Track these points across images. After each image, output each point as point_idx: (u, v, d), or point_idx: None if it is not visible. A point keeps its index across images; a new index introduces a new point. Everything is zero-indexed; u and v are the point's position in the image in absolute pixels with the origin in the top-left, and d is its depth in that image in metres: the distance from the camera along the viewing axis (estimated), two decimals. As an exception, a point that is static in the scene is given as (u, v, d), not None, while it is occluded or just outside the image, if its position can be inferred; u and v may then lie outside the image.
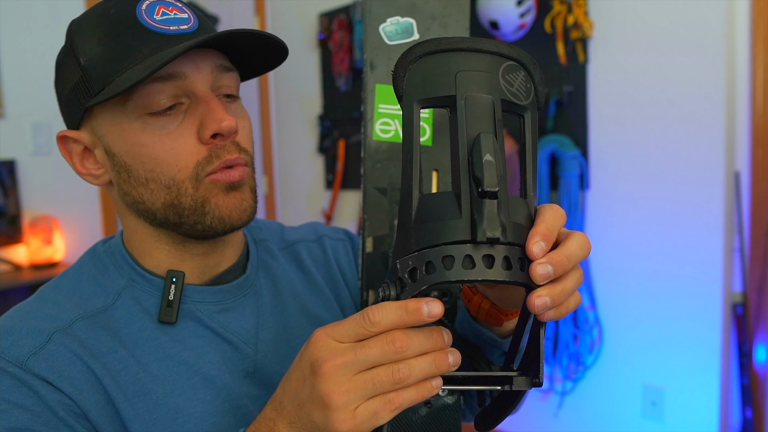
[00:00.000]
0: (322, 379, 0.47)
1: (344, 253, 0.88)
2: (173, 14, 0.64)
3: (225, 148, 0.65)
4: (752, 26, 2.14)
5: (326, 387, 0.47)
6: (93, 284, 0.68)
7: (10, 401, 0.57)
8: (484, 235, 0.42)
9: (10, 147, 2.82)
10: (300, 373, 0.49)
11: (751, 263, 2.22)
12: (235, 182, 0.66)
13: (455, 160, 0.45)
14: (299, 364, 0.50)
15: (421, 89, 0.47)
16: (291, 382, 0.51)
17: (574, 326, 2.44)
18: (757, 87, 2.15)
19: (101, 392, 0.62)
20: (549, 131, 2.47)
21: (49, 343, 0.62)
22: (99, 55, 0.62)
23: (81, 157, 0.69)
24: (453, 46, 0.47)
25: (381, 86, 0.59)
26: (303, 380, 0.49)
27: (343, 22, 3.13)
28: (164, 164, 0.64)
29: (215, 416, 0.66)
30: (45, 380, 0.60)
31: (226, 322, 0.70)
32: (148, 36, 0.62)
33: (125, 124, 0.64)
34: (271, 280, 0.78)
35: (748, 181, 2.20)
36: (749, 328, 2.19)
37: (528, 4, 2.38)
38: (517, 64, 0.49)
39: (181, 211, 0.65)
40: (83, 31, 0.65)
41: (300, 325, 0.77)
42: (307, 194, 3.54)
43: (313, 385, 0.47)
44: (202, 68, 0.64)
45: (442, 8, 0.58)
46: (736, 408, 2.28)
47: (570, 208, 2.39)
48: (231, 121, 0.63)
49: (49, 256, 2.87)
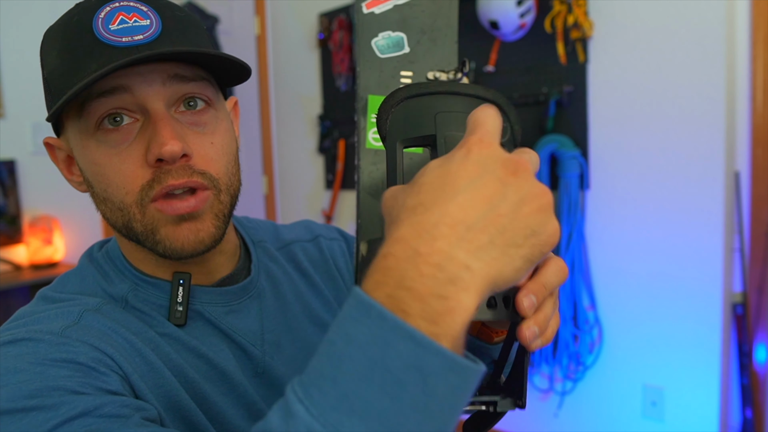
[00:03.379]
0: (529, 176, 0.40)
1: (340, 253, 0.88)
2: (132, 21, 0.60)
3: (171, 172, 0.61)
4: (752, 26, 2.13)
5: (537, 185, 0.40)
6: (98, 288, 0.67)
7: (44, 363, 0.54)
8: None
9: (10, 147, 2.83)
10: (492, 179, 0.39)
11: (751, 263, 2.22)
12: (185, 214, 0.62)
13: None
14: (483, 173, 0.39)
15: (404, 130, 0.49)
16: (481, 191, 0.39)
17: (574, 326, 2.44)
18: (757, 87, 2.14)
19: (142, 361, 0.60)
20: (549, 131, 2.47)
21: (82, 319, 0.60)
22: (56, 69, 0.62)
23: (66, 163, 0.69)
24: (432, 89, 0.50)
25: (373, 97, 0.59)
26: (500, 182, 0.39)
27: (343, 22, 3.13)
28: (114, 186, 0.62)
29: (233, 409, 0.66)
30: (84, 342, 0.57)
31: (234, 324, 0.70)
32: (97, 49, 0.59)
33: (84, 140, 0.63)
34: (272, 282, 0.78)
35: (748, 181, 2.20)
36: (749, 328, 2.19)
37: (528, 4, 2.38)
38: (492, 105, 0.50)
39: (136, 237, 0.64)
40: (48, 41, 0.64)
41: (303, 327, 0.77)
42: (307, 194, 3.54)
43: (519, 186, 0.39)
44: (150, 80, 0.60)
45: (431, 23, 0.58)
46: (736, 408, 2.28)
47: (570, 208, 2.39)
48: (174, 145, 0.59)
49: (49, 256, 2.88)
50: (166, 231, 0.63)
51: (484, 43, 2.62)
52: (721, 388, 2.20)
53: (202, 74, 0.65)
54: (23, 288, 2.76)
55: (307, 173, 3.52)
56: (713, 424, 2.21)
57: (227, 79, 0.70)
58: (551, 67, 2.46)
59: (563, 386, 2.55)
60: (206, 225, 0.64)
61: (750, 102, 2.17)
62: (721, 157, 2.13)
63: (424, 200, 0.39)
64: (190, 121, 0.64)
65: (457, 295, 0.37)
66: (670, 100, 2.21)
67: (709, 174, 2.16)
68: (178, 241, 0.63)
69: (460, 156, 0.40)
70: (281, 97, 3.61)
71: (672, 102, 2.21)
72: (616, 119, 2.35)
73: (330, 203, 3.35)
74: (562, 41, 2.41)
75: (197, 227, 0.63)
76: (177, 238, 0.63)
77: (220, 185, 0.65)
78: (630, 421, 2.41)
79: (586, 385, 2.52)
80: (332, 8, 3.20)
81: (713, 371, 2.20)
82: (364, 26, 0.56)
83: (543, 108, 2.48)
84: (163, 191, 0.61)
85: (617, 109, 2.34)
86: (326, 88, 3.33)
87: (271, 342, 0.73)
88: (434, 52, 0.59)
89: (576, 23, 2.34)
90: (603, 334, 2.46)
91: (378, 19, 0.57)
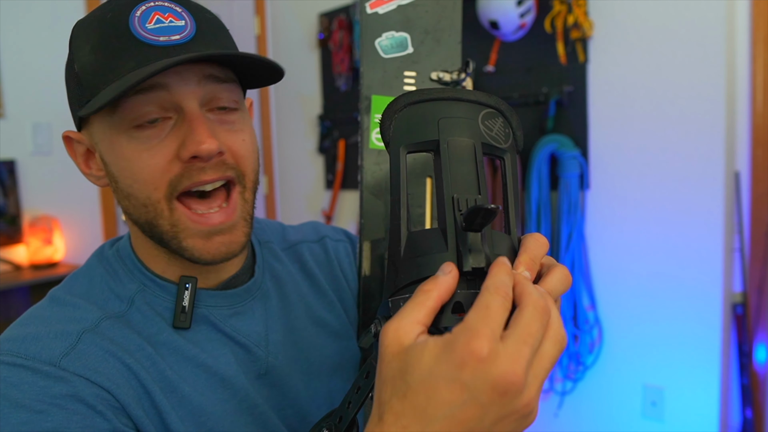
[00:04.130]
0: (517, 393, 0.40)
1: (345, 255, 0.88)
2: (168, 21, 0.61)
3: (204, 170, 0.63)
4: (752, 26, 2.13)
5: (527, 396, 0.41)
6: (106, 289, 0.68)
7: (44, 401, 0.55)
8: (469, 265, 0.44)
9: (10, 147, 2.83)
10: (473, 405, 0.40)
11: (751, 263, 2.22)
12: (215, 227, 0.64)
13: (440, 199, 0.47)
14: (467, 399, 0.40)
15: (407, 135, 0.50)
16: (458, 418, 0.40)
17: (574, 326, 2.44)
18: (757, 87, 2.15)
19: (138, 385, 0.62)
20: (549, 131, 2.47)
21: (80, 342, 0.61)
22: (90, 64, 0.62)
23: (85, 158, 0.69)
24: (435, 95, 0.51)
25: (377, 97, 0.59)
26: (481, 407, 0.40)
27: (343, 22, 3.13)
28: (141, 182, 0.63)
29: (233, 415, 0.67)
30: (81, 376, 0.58)
31: (238, 326, 0.71)
32: (135, 47, 0.60)
33: (114, 135, 0.63)
34: (277, 283, 0.78)
35: (748, 181, 2.20)
36: (749, 328, 2.20)
37: (528, 4, 2.38)
38: (495, 111, 0.52)
39: (161, 235, 0.65)
40: (81, 35, 0.64)
41: (305, 327, 0.78)
42: (307, 194, 3.54)
43: (503, 405, 0.40)
44: (187, 79, 0.62)
45: (435, 23, 0.58)
46: (736, 408, 2.28)
47: (570, 208, 2.39)
48: (212, 144, 0.61)
49: (49, 256, 2.88)
50: (194, 242, 0.64)
51: (484, 43, 2.62)
52: (721, 388, 2.20)
53: (232, 76, 0.66)
54: (23, 288, 2.76)
55: (307, 173, 3.52)
56: (713, 424, 2.21)
57: (253, 81, 0.71)
58: (551, 67, 2.46)
59: (563, 386, 2.55)
60: (237, 235, 0.66)
61: (750, 102, 2.17)
62: (721, 157, 2.13)
63: (406, 412, 0.41)
64: (220, 120, 0.65)
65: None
66: (670, 100, 2.21)
67: (709, 174, 2.16)
68: (209, 254, 0.64)
69: (453, 372, 0.40)
70: (281, 97, 3.61)
71: (672, 102, 2.21)
72: (616, 119, 2.35)
73: (330, 203, 3.35)
74: (562, 41, 2.41)
75: (230, 239, 0.65)
76: (208, 251, 0.64)
77: (246, 182, 0.67)
78: (630, 421, 2.41)
79: (586, 385, 2.52)
80: (332, 8, 3.20)
81: (713, 371, 2.20)
82: (367, 26, 0.56)
83: (543, 108, 2.48)
84: (193, 187, 0.63)
85: (617, 109, 2.34)
86: (326, 88, 3.33)
87: (276, 342, 0.73)
88: (438, 52, 0.59)
89: (576, 23, 2.34)
90: (603, 334, 2.46)
91: (382, 20, 0.57)
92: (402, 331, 0.42)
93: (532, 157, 2.44)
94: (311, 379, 0.76)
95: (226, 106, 0.66)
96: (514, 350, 0.40)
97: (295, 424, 0.73)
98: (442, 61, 0.59)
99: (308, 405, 0.74)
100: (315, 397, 0.75)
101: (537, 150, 2.43)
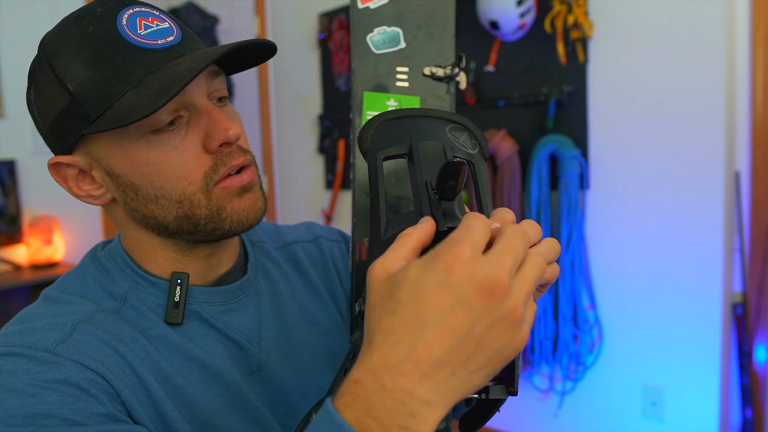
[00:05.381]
0: (504, 295, 0.41)
1: (340, 255, 0.89)
2: (155, 26, 0.62)
3: (231, 154, 0.66)
4: (752, 26, 2.13)
5: (513, 301, 0.41)
6: (99, 288, 0.69)
7: (38, 384, 0.56)
8: (444, 225, 0.47)
9: (10, 147, 2.83)
10: (463, 310, 0.40)
11: (751, 263, 2.22)
12: (246, 185, 0.67)
13: (416, 188, 0.52)
14: (455, 303, 0.41)
15: (383, 144, 0.56)
16: (449, 324, 0.40)
17: (574, 326, 2.44)
18: (757, 87, 2.14)
19: (132, 375, 0.62)
20: (549, 131, 2.47)
21: (75, 332, 0.61)
22: (90, 80, 0.60)
23: (77, 180, 0.68)
24: (407, 113, 0.58)
25: (369, 94, 0.59)
26: (471, 312, 0.40)
27: (343, 22, 3.13)
28: (173, 180, 0.64)
29: (226, 410, 0.68)
30: (76, 361, 0.59)
31: (230, 322, 0.71)
32: (137, 54, 0.60)
33: (128, 145, 0.63)
34: (269, 281, 0.79)
35: (748, 181, 2.19)
36: (749, 328, 2.19)
37: (528, 4, 2.38)
38: (461, 126, 0.58)
39: (197, 222, 0.66)
40: (64, 53, 0.62)
41: (298, 325, 0.78)
42: (307, 194, 3.54)
43: (491, 310, 0.41)
44: (198, 79, 0.63)
45: (427, 17, 0.58)
46: (736, 408, 2.28)
47: (570, 208, 2.39)
48: (236, 128, 0.64)
49: (49, 256, 2.88)
50: (232, 206, 0.67)
51: (484, 43, 2.62)
52: (721, 388, 2.20)
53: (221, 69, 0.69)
54: (23, 288, 2.76)
55: (307, 173, 3.52)
56: (713, 424, 2.20)
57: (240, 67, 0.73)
58: (551, 67, 2.46)
59: (563, 386, 2.55)
60: (258, 195, 0.69)
61: (750, 102, 2.16)
62: (721, 157, 2.13)
63: (396, 327, 0.41)
64: (221, 110, 0.68)
65: (417, 426, 0.41)
66: (670, 100, 2.21)
67: (709, 174, 2.15)
68: (244, 211, 0.67)
69: (439, 277, 0.41)
70: (281, 97, 3.61)
71: (672, 102, 2.21)
72: (616, 119, 2.35)
73: (330, 203, 3.35)
74: (562, 41, 2.41)
75: (255, 197, 0.69)
76: (243, 207, 0.67)
77: (256, 162, 0.72)
78: (630, 421, 2.41)
79: (586, 385, 2.51)
80: (332, 8, 3.20)
81: (713, 371, 2.19)
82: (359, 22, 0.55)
83: (543, 108, 2.48)
84: (228, 172, 0.66)
85: (617, 109, 2.34)
86: (326, 88, 3.33)
87: (268, 339, 0.74)
88: (431, 47, 0.59)
89: (576, 23, 2.34)
90: (603, 334, 2.45)
91: (373, 14, 0.56)
92: (389, 263, 0.44)
93: (532, 157, 2.43)
94: (303, 376, 0.76)
95: (223, 96, 0.68)
96: (496, 258, 0.41)
97: (287, 421, 0.73)
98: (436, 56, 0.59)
99: (300, 401, 0.75)
100: (307, 394, 0.76)
101: (537, 150, 2.42)
